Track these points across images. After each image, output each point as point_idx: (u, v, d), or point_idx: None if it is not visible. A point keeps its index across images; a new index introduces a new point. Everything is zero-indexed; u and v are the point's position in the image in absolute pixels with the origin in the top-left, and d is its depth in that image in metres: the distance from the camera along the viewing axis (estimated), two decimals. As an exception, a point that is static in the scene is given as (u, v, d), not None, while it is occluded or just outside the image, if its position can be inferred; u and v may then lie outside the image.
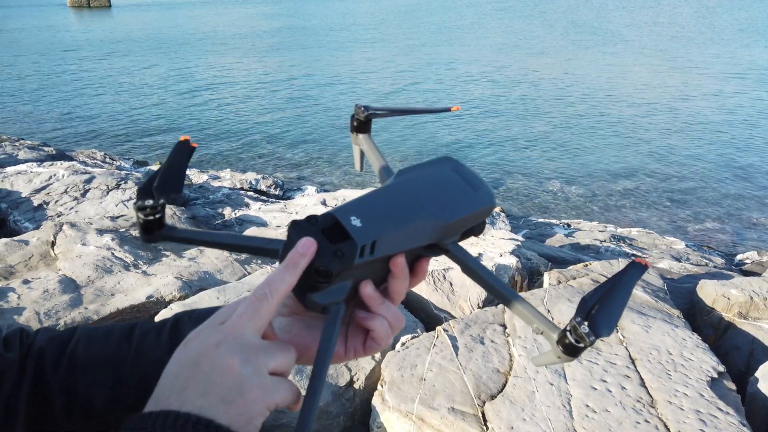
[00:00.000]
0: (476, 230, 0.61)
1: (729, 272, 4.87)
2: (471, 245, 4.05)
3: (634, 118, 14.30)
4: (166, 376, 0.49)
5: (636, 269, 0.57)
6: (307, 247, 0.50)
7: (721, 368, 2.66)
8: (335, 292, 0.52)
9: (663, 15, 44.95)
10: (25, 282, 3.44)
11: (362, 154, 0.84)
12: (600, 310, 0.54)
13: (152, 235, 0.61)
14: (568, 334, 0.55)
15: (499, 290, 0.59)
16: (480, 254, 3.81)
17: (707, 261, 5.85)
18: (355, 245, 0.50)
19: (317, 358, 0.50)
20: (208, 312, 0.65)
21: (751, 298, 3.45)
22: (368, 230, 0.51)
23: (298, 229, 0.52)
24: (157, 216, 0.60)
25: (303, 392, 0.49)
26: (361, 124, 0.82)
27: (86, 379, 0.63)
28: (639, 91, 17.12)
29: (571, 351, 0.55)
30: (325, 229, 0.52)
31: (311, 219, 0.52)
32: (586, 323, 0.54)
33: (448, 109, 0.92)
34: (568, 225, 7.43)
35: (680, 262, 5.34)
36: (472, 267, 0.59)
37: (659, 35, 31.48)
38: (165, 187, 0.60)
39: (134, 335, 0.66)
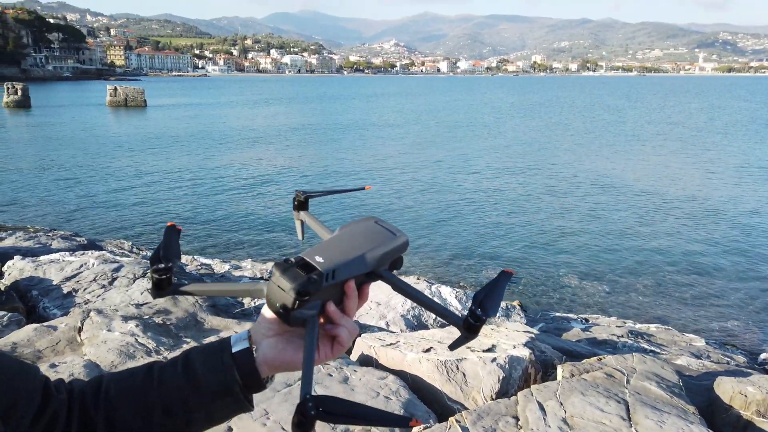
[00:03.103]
0: (398, 263, 0.83)
1: (749, 370, 4.79)
2: (485, 336, 4.11)
3: (654, 212, 14.44)
4: None
5: (505, 275, 0.79)
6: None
7: (738, 466, 2.63)
8: (311, 308, 0.72)
9: (675, 115, 46.22)
10: (52, 366, 3.56)
11: (302, 226, 1.09)
12: (486, 300, 0.75)
13: (163, 291, 0.81)
14: (468, 318, 0.75)
15: (420, 299, 0.80)
16: (494, 345, 3.85)
17: (729, 359, 5.75)
18: (322, 273, 0.70)
19: (305, 357, 0.68)
20: (211, 345, 0.81)
21: (769, 395, 3.40)
22: (329, 263, 0.72)
23: (279, 268, 0.71)
24: (167, 276, 0.81)
25: None
26: (301, 204, 1.08)
27: (122, 412, 0.78)
28: (658, 187, 17.37)
29: (472, 329, 0.76)
30: (300, 266, 0.71)
31: (287, 261, 0.72)
32: (479, 309, 0.75)
33: (362, 188, 1.21)
34: (586, 320, 7.38)
35: (699, 359, 5.26)
36: (400, 286, 0.80)
37: (673, 132, 32.26)
38: (169, 255, 0.81)
39: (154, 371, 0.81)
